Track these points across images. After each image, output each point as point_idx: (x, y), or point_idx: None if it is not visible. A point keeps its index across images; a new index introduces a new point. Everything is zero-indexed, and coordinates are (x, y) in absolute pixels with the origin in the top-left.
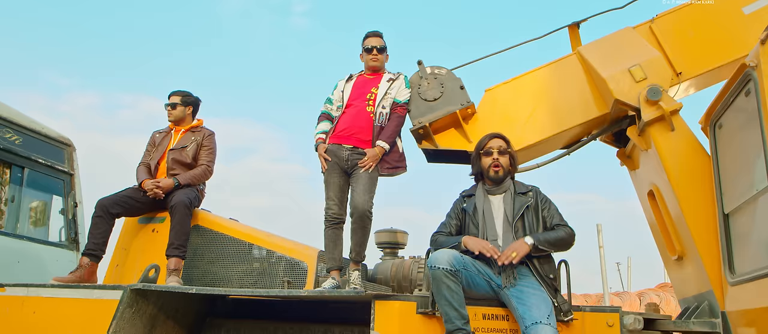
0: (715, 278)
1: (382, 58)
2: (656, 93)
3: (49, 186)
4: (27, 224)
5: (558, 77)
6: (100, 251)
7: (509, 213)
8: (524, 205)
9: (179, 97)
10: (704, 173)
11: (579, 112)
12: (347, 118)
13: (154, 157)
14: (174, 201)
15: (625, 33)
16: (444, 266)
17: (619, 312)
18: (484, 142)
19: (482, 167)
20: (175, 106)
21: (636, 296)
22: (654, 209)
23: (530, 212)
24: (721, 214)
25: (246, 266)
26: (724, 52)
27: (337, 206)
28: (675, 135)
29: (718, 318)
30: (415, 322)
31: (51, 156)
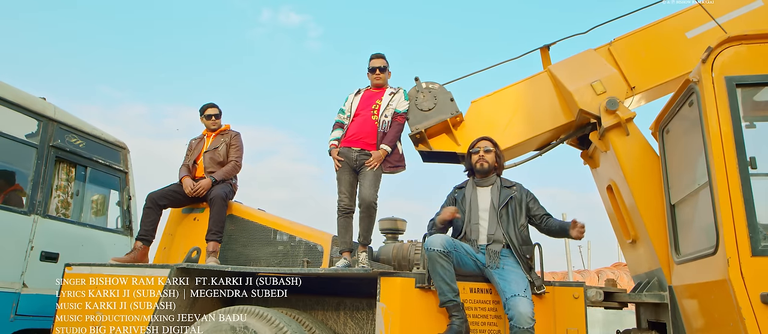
0: (663, 258)
1: (383, 76)
2: (614, 104)
3: (108, 182)
4: (89, 214)
5: (532, 91)
6: (151, 236)
7: (495, 202)
8: (508, 196)
9: (218, 110)
10: (654, 171)
11: (549, 120)
12: (355, 125)
13: (192, 159)
14: (212, 195)
15: (588, 54)
16: (438, 248)
17: (584, 287)
18: (474, 143)
19: (472, 163)
20: (219, 116)
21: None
22: (612, 200)
23: (514, 202)
24: (668, 204)
25: (272, 248)
26: (670, 69)
27: (348, 198)
28: (630, 139)
29: (666, 291)
30: (414, 295)
31: (109, 157)
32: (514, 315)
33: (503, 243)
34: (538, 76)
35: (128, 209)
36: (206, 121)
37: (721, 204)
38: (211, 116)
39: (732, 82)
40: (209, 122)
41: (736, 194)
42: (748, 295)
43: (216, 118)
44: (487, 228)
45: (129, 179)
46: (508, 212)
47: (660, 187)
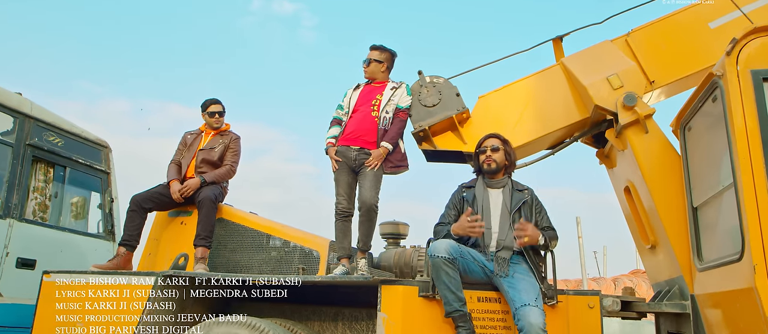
0: (685, 265)
1: (372, 70)
2: (632, 99)
3: (88, 183)
4: (69, 218)
5: (544, 85)
6: (135, 242)
7: (508, 205)
8: (521, 200)
9: (223, 107)
10: (675, 171)
11: (562, 117)
12: (354, 122)
13: (185, 156)
14: (201, 197)
15: (604, 45)
16: (443, 254)
17: (599, 295)
18: (481, 142)
19: (480, 162)
20: (223, 113)
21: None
22: (629, 202)
23: (526, 208)
24: (690, 207)
25: (265, 254)
26: (692, 62)
27: (347, 201)
28: (649, 137)
29: (688, 300)
30: (417, 304)
31: (89, 156)
32: (525, 326)
33: (513, 250)
34: (551, 70)
35: (110, 212)
36: (209, 118)
37: (746, 206)
38: (215, 114)
39: (758, 76)
40: (212, 120)
41: (763, 195)
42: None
43: (219, 116)
44: (498, 233)
45: (111, 180)
46: (521, 217)
47: (681, 188)
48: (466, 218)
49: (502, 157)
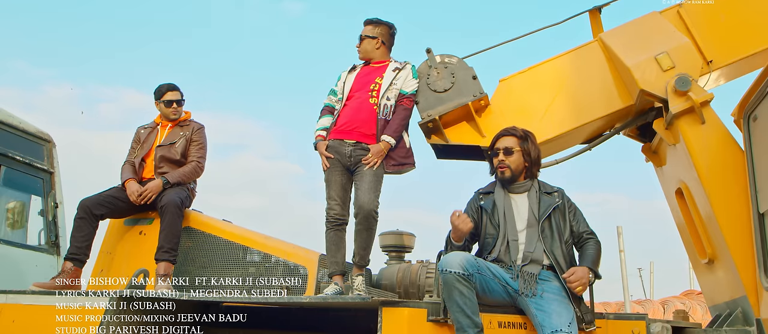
0: (750, 283)
1: (366, 48)
2: (685, 83)
3: (28, 185)
4: (3, 227)
5: (578, 66)
6: (84, 256)
7: (535, 213)
8: (552, 206)
9: (181, 94)
10: (737, 169)
11: (601, 104)
12: (349, 111)
13: (139, 154)
14: (164, 201)
15: (651, 18)
16: (456, 269)
17: (646, 320)
18: (494, 141)
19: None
20: (181, 102)
21: (659, 304)
22: (683, 208)
23: (557, 214)
24: (755, 213)
25: (241, 270)
26: (759, 38)
27: (340, 206)
28: (706, 128)
29: (753, 326)
30: (426, 330)
31: (29, 153)
32: None
33: (542, 264)
34: (587, 47)
35: (54, 219)
36: (164, 108)
37: None
38: (173, 103)
39: None
40: (168, 110)
41: None
42: None
43: (177, 106)
44: (526, 245)
45: (55, 181)
46: (551, 226)
47: (745, 190)
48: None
49: (518, 161)
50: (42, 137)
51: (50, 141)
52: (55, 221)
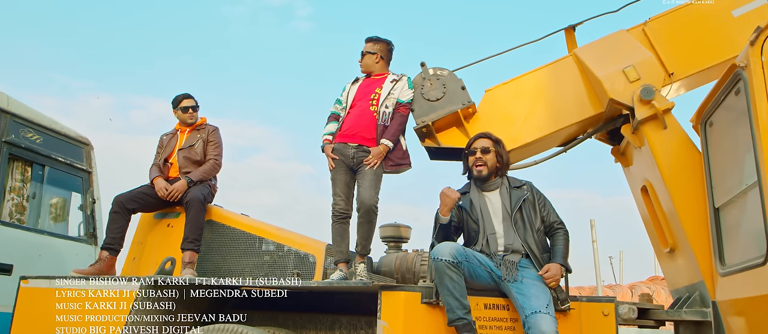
0: (706, 270)
1: (367, 62)
2: (649, 93)
3: (69, 183)
4: (47, 220)
5: (555, 78)
6: (118, 245)
7: (507, 207)
8: (521, 198)
9: (196, 102)
10: (695, 169)
11: (575, 112)
12: (352, 118)
13: (163, 157)
14: (189, 198)
15: (620, 35)
16: (446, 257)
17: (615, 302)
18: (470, 143)
19: (469, 165)
20: (197, 108)
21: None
22: (647, 203)
23: (527, 205)
24: (711, 208)
25: (257, 258)
26: (714, 53)
27: (344, 201)
28: (667, 133)
29: (709, 308)
30: (420, 311)
31: (70, 155)
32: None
33: (521, 253)
34: (563, 61)
35: (92, 213)
36: (182, 114)
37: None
38: (188, 109)
39: None
40: (185, 116)
41: None
42: None
43: (193, 111)
44: (504, 237)
45: (93, 180)
46: (523, 217)
47: (702, 188)
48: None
49: (493, 160)
50: (81, 141)
51: (88, 144)
52: (92, 215)
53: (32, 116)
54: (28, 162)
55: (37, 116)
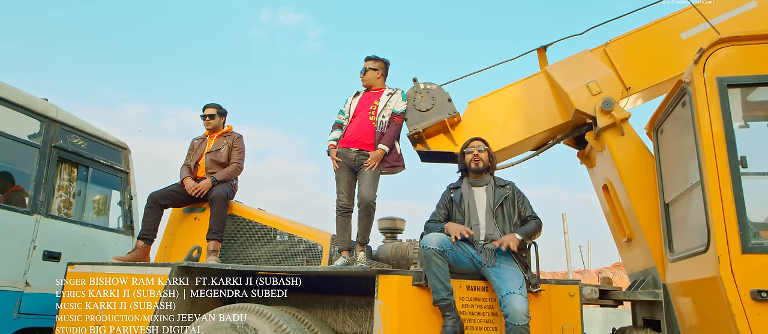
0: (658, 257)
1: (369, 78)
2: (609, 104)
3: (109, 182)
4: (91, 214)
5: (529, 91)
6: (152, 236)
7: (491, 202)
8: (503, 196)
9: (215, 110)
10: (649, 170)
11: (546, 120)
12: (354, 126)
13: (193, 159)
14: (213, 194)
15: (584, 55)
16: (433, 246)
17: (579, 284)
18: (468, 143)
19: (466, 162)
20: (213, 116)
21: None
22: (608, 200)
23: (508, 202)
24: (662, 203)
25: (272, 247)
26: (665, 70)
27: (347, 198)
28: (625, 139)
29: (660, 289)
30: (411, 292)
31: (110, 157)
32: (510, 312)
33: None
34: (535, 77)
35: (129, 208)
36: (202, 120)
37: (712, 202)
38: (206, 117)
39: (723, 83)
40: (204, 122)
41: (727, 192)
42: (738, 291)
43: (210, 119)
44: (486, 227)
45: (130, 179)
46: (503, 212)
47: (654, 186)
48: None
49: (486, 158)
50: (120, 145)
51: (126, 148)
52: (130, 210)
53: (77, 124)
54: (74, 164)
55: (82, 124)
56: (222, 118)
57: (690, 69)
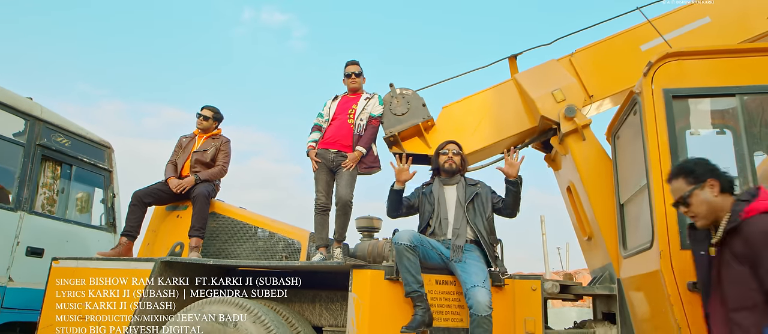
0: (614, 253)
1: (359, 80)
2: (572, 111)
3: (92, 180)
4: (74, 211)
5: (499, 98)
6: (136, 232)
7: (461, 198)
8: (474, 192)
9: (211, 113)
10: (607, 173)
11: (514, 125)
12: (333, 128)
13: (180, 157)
14: (195, 193)
15: (550, 64)
16: (405, 242)
17: (541, 280)
18: (443, 145)
19: (440, 163)
20: (207, 118)
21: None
22: (571, 200)
23: (479, 198)
24: (618, 204)
25: (252, 244)
26: (625, 79)
27: (325, 197)
28: (586, 144)
29: (615, 284)
30: (384, 286)
31: (93, 156)
32: (473, 304)
33: (468, 237)
34: (505, 84)
35: (112, 206)
36: (197, 119)
37: (656, 203)
38: (201, 116)
39: (669, 94)
40: (198, 121)
41: (669, 193)
42: (677, 284)
43: (204, 120)
44: (453, 223)
45: (113, 178)
46: (474, 207)
47: (612, 188)
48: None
49: (459, 160)
50: (103, 144)
51: (109, 147)
52: (112, 208)
53: (61, 123)
54: (58, 162)
55: (66, 123)
56: (215, 123)
57: (640, 81)
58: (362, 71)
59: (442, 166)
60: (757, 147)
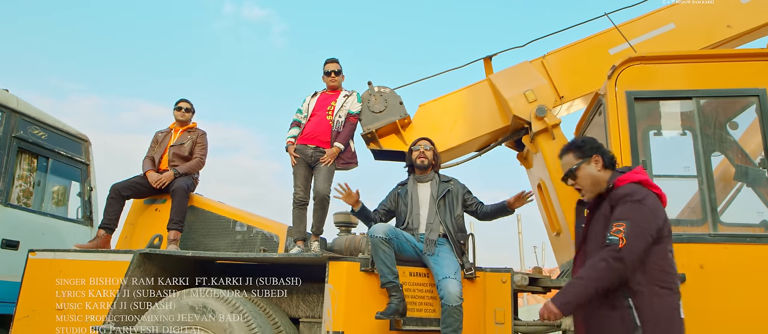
0: None
1: (338, 79)
2: (542, 111)
3: (69, 173)
4: (50, 204)
5: (474, 97)
6: (114, 225)
7: (434, 194)
8: (446, 189)
9: (190, 105)
10: None
11: (488, 124)
12: (311, 125)
13: (157, 152)
14: (174, 186)
15: (523, 66)
16: (381, 235)
17: (511, 272)
18: (416, 142)
19: (413, 159)
20: (189, 110)
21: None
22: (541, 197)
23: (451, 195)
24: None
25: (231, 238)
26: (594, 82)
27: (303, 191)
28: (555, 143)
29: None
30: (359, 277)
31: (70, 149)
32: (445, 295)
33: (440, 232)
34: (480, 84)
35: (89, 200)
36: (176, 112)
37: None
38: (182, 109)
39: (631, 96)
40: (178, 114)
41: None
42: None
43: (186, 112)
44: (427, 218)
45: (90, 171)
46: (445, 204)
47: None
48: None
49: (431, 156)
50: (81, 137)
51: (87, 140)
52: (89, 201)
53: (38, 115)
54: (34, 155)
55: (43, 115)
56: (192, 115)
57: (605, 83)
58: (341, 69)
59: (414, 161)
60: (713, 148)
